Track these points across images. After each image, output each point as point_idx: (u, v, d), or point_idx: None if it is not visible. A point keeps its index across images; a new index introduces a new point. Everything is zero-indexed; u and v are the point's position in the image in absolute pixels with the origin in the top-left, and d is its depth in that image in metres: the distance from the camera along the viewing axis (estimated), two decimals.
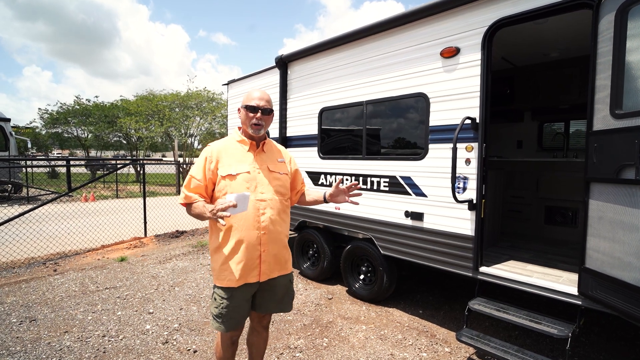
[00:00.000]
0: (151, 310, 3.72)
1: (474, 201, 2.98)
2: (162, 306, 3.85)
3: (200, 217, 1.87)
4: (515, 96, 4.91)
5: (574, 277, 2.81)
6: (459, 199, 2.95)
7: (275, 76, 5.09)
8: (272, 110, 2.03)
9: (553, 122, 5.05)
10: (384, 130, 3.80)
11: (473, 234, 3.00)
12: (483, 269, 2.98)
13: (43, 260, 5.43)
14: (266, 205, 1.95)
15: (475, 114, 2.95)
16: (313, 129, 4.52)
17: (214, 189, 1.95)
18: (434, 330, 3.40)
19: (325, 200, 2.21)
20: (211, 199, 1.97)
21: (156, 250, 6.16)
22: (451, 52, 3.09)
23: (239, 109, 2.02)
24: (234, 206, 1.66)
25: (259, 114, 1.96)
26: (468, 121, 2.92)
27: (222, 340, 2.08)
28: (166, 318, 3.56)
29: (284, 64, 4.88)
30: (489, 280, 2.90)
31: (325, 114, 4.39)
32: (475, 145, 2.98)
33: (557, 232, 4.34)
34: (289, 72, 4.91)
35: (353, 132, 4.11)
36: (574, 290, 2.47)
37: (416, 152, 3.45)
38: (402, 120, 3.61)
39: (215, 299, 1.98)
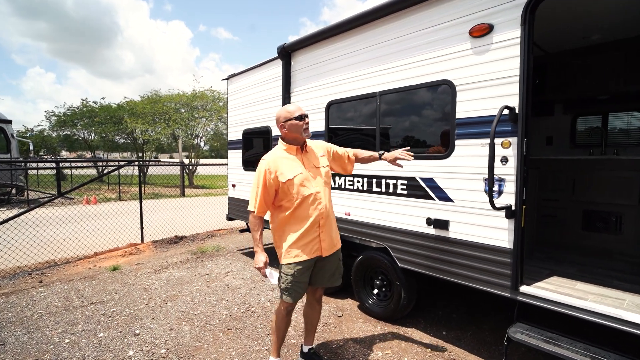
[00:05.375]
0: (137, 331, 3.29)
1: (513, 207, 2.48)
2: (151, 325, 3.42)
3: (252, 236, 2.42)
4: (546, 87, 4.38)
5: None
6: (496, 206, 2.45)
7: (277, 68, 4.64)
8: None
9: (589, 116, 4.50)
10: (400, 124, 3.32)
11: (511, 247, 2.50)
12: (524, 288, 2.48)
13: (30, 269, 5.05)
14: (321, 196, 2.40)
15: (514, 102, 2.45)
16: (319, 125, 4.05)
17: (275, 194, 2.38)
18: (462, 357, 2.90)
19: (380, 158, 2.69)
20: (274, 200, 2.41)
21: (152, 258, 5.76)
22: (483, 30, 2.59)
23: (281, 125, 2.40)
24: (264, 275, 2.40)
25: (307, 120, 2.41)
26: (506, 111, 2.43)
27: (279, 310, 2.52)
28: (153, 341, 3.13)
29: (287, 54, 4.43)
30: (533, 304, 2.39)
31: (333, 107, 3.92)
32: (513, 140, 2.48)
33: (598, 240, 3.80)
34: (292, 63, 4.45)
35: (364, 128, 3.63)
36: None
37: (440, 149, 2.96)
38: (423, 112, 3.12)
39: (282, 276, 2.42)
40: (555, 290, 2.44)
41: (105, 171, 7.59)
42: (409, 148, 2.56)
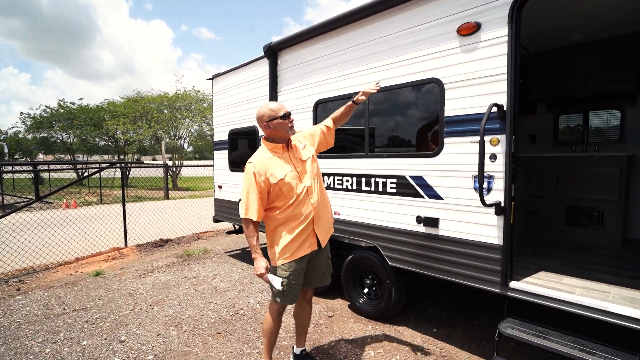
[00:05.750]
0: (123, 338, 3.19)
1: (502, 204, 2.51)
2: (137, 331, 3.32)
3: (249, 243, 2.33)
4: (529, 86, 4.47)
5: (625, 292, 2.38)
6: (486, 202, 2.47)
7: (264, 67, 4.59)
8: None
9: (570, 114, 4.62)
10: (390, 123, 3.32)
11: (501, 243, 2.52)
12: (513, 284, 2.51)
13: (6, 277, 4.84)
14: (312, 190, 2.37)
15: (502, 100, 2.47)
16: (307, 125, 4.02)
17: (268, 196, 2.31)
18: (453, 354, 2.92)
19: (355, 104, 2.65)
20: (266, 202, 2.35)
21: (137, 262, 5.60)
22: (470, 29, 2.62)
23: (266, 125, 2.32)
24: (267, 281, 2.33)
25: (292, 117, 2.36)
26: (494, 109, 2.46)
27: (270, 313, 2.49)
28: (140, 347, 3.03)
29: (273, 53, 4.38)
30: (523, 299, 2.42)
31: (321, 106, 3.90)
32: (502, 137, 2.51)
33: (581, 235, 3.89)
34: (279, 62, 4.40)
35: (354, 127, 3.62)
36: (635, 313, 2.01)
37: (429, 147, 2.98)
38: (412, 111, 3.13)
39: (279, 277, 2.34)
40: (544, 285, 2.48)
41: (86, 174, 7.34)
42: (378, 81, 2.61)
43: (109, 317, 3.62)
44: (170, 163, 20.24)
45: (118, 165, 10.14)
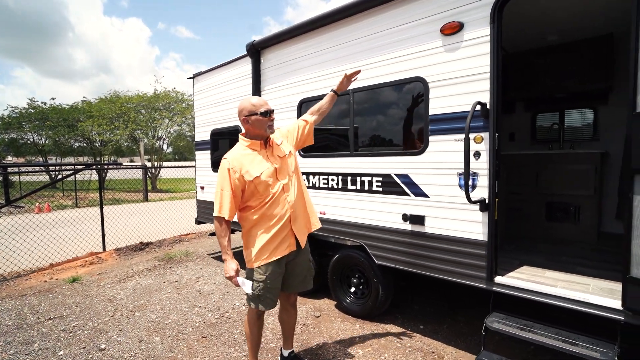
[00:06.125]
0: (103, 346, 3.07)
1: (487, 201, 2.55)
2: (118, 338, 3.20)
3: (219, 243, 2.23)
4: (508, 86, 4.58)
5: (604, 284, 2.46)
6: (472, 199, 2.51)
7: (246, 66, 4.52)
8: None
9: (547, 113, 4.76)
10: (375, 122, 3.33)
11: (486, 239, 2.57)
12: (498, 279, 2.56)
13: None
14: (289, 187, 2.29)
15: (485, 98, 2.52)
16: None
17: (242, 194, 2.22)
18: (440, 350, 2.95)
19: (336, 95, 2.66)
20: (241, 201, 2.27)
21: (116, 267, 5.42)
22: (453, 28, 2.65)
23: (244, 119, 2.24)
24: (236, 284, 2.22)
25: (273, 116, 2.28)
26: (478, 107, 2.49)
27: (249, 317, 2.45)
28: (121, 355, 2.92)
29: (256, 51, 4.33)
30: (508, 293, 2.47)
31: (305, 105, 3.87)
32: (485, 135, 2.55)
33: (560, 230, 4.02)
34: (262, 61, 4.35)
35: (339, 126, 3.61)
36: (614, 304, 2.08)
37: (414, 145, 3.00)
38: (397, 109, 3.15)
39: (254, 281, 2.26)
40: (528, 279, 2.54)
41: (60, 176, 7.05)
42: (359, 70, 2.64)
43: (87, 324, 3.48)
44: (149, 164, 19.73)
45: (94, 167, 9.77)
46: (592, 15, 3.47)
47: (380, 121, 3.29)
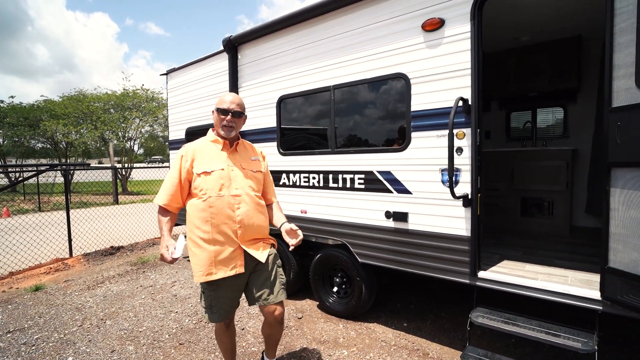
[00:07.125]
0: (70, 359, 2.86)
1: (469, 196, 2.56)
2: (87, 350, 3.00)
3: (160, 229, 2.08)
4: (483, 85, 4.67)
5: (580, 275, 2.52)
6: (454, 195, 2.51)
7: (223, 62, 4.38)
8: (242, 113, 2.15)
9: (521, 111, 4.90)
10: (356, 118, 3.29)
11: (469, 234, 2.58)
12: (482, 273, 2.58)
13: None
14: (240, 201, 2.06)
15: (467, 94, 2.53)
16: (271, 121, 3.89)
17: (189, 188, 2.06)
18: (425, 347, 2.95)
19: (278, 229, 2.22)
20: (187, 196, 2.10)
21: (84, 273, 5.12)
22: (435, 25, 2.65)
23: (213, 111, 2.14)
24: (172, 259, 1.98)
25: (229, 117, 2.08)
26: (460, 103, 2.50)
27: (217, 327, 2.28)
28: None
29: (233, 47, 4.19)
30: (492, 287, 2.49)
31: (285, 103, 3.78)
32: (467, 131, 2.56)
33: (534, 224, 4.15)
34: (239, 57, 4.22)
35: (319, 123, 3.55)
36: (593, 294, 2.13)
37: (396, 142, 2.98)
38: (378, 106, 3.12)
39: (203, 293, 2.13)
40: (510, 273, 2.57)
41: (21, 178, 6.60)
42: (300, 238, 2.14)
43: (52, 336, 3.24)
44: (119, 166, 18.94)
45: (59, 167, 9.22)
46: (562, 17, 3.58)
47: (362, 118, 3.25)
